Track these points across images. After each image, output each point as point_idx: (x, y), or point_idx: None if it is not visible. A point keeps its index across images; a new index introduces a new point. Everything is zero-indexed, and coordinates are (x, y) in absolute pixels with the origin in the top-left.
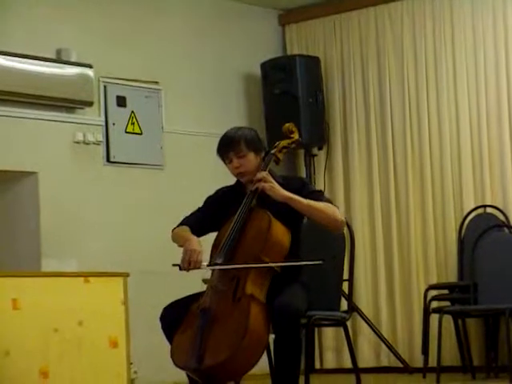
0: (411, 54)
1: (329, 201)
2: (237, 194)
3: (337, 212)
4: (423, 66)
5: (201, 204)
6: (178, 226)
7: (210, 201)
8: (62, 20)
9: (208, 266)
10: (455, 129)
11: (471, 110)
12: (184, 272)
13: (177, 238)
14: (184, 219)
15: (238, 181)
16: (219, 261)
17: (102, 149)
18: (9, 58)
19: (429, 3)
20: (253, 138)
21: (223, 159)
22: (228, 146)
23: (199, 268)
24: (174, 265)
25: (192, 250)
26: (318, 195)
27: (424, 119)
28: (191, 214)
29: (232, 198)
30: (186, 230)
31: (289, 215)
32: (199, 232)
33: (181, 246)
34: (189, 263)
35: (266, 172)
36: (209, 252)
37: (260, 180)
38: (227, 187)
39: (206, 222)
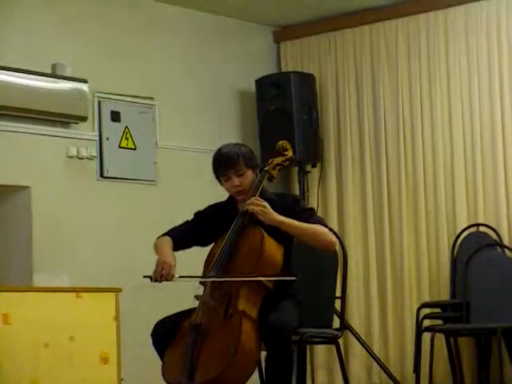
0: (405, 73)
1: (321, 220)
2: (229, 211)
3: (328, 234)
4: (417, 84)
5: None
6: (163, 235)
7: (200, 215)
8: (57, 35)
9: (180, 277)
10: (449, 146)
11: (465, 128)
12: (158, 284)
13: (156, 249)
14: (171, 229)
15: (230, 197)
16: None
17: (95, 164)
18: (4, 72)
19: (423, 22)
20: (249, 154)
21: (219, 177)
22: (227, 165)
23: (171, 280)
24: (144, 276)
25: (164, 263)
26: (309, 214)
27: (418, 137)
28: (180, 225)
29: (224, 214)
30: (166, 241)
31: (281, 232)
32: (184, 244)
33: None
34: (161, 275)
35: (256, 197)
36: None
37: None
38: (219, 203)
39: (194, 235)
